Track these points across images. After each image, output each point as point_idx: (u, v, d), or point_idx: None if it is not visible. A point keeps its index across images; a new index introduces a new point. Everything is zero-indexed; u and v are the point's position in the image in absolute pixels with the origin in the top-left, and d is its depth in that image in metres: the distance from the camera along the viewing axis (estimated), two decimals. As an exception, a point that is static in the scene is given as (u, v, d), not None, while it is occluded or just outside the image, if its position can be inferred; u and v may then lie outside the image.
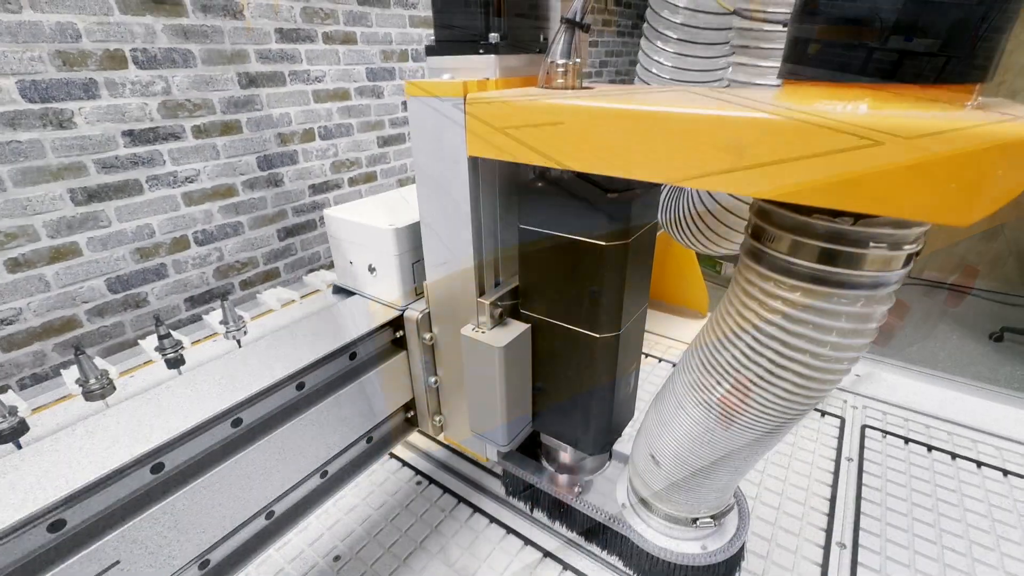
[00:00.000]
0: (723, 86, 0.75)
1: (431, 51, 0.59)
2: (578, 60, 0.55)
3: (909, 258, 0.41)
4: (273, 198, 2.29)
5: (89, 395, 0.82)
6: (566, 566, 0.95)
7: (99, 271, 1.88)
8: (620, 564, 0.84)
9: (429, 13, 2.88)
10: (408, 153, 2.95)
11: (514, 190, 0.64)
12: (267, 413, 0.58)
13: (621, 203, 0.53)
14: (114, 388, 1.32)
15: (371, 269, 0.72)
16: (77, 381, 0.82)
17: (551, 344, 0.64)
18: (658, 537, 0.65)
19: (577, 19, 0.53)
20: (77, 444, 0.50)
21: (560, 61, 0.55)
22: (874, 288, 0.42)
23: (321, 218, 2.55)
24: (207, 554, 0.55)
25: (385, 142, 2.78)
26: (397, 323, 0.71)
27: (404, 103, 2.84)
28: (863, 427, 1.29)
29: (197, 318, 2.13)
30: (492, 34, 0.53)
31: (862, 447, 1.23)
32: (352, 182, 2.66)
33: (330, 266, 2.63)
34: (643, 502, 0.67)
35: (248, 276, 2.29)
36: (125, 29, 1.78)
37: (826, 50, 0.37)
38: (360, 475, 0.73)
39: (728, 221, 0.68)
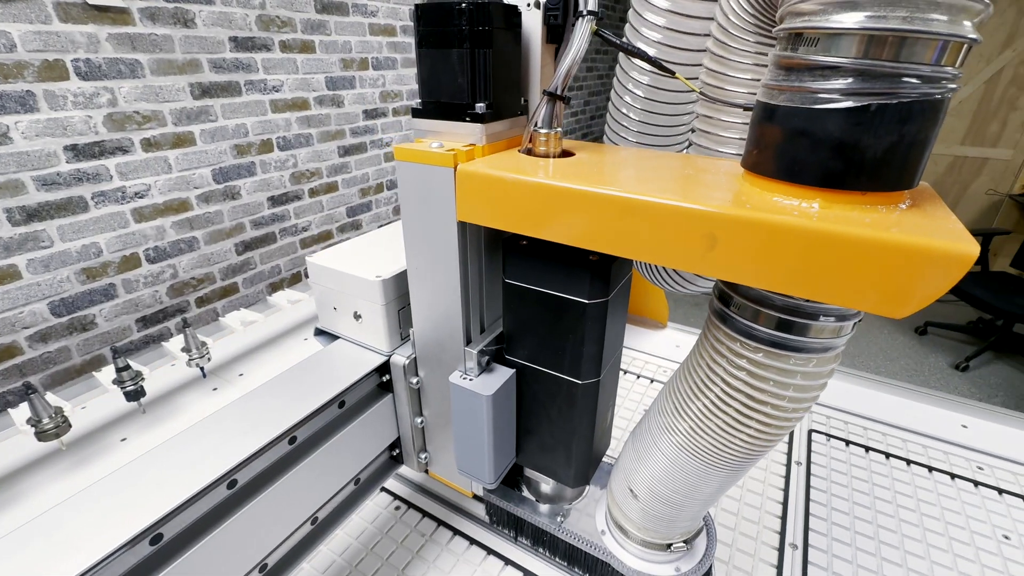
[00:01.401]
0: (683, 148, 0.80)
1: (418, 113, 0.61)
2: (559, 129, 0.59)
3: (853, 325, 0.48)
4: (230, 211, 2.22)
5: (42, 435, 0.80)
6: (546, 584, 0.99)
7: (41, 294, 1.77)
8: None
9: (390, 21, 2.85)
10: (370, 162, 2.91)
11: (498, 246, 0.67)
12: (261, 471, 0.59)
13: (602, 264, 0.57)
14: (69, 425, 1.26)
15: (357, 316, 0.73)
16: (29, 421, 0.79)
17: (535, 387, 0.68)
18: (636, 562, 0.70)
19: (558, 92, 0.57)
20: (68, 517, 0.50)
21: (543, 130, 0.58)
22: (824, 352, 0.48)
23: (282, 230, 2.49)
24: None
25: (346, 151, 2.73)
26: (383, 368, 0.73)
27: (365, 111, 2.80)
28: (810, 431, 1.40)
29: (151, 339, 2.04)
30: (479, 104, 0.56)
31: (809, 451, 1.34)
32: (313, 193, 2.60)
33: (292, 281, 2.57)
34: (620, 528, 0.72)
35: (205, 292, 2.21)
36: (66, 38, 1.67)
37: (781, 155, 0.43)
38: (349, 517, 0.74)
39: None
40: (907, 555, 1.06)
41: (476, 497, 1.17)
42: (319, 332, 0.81)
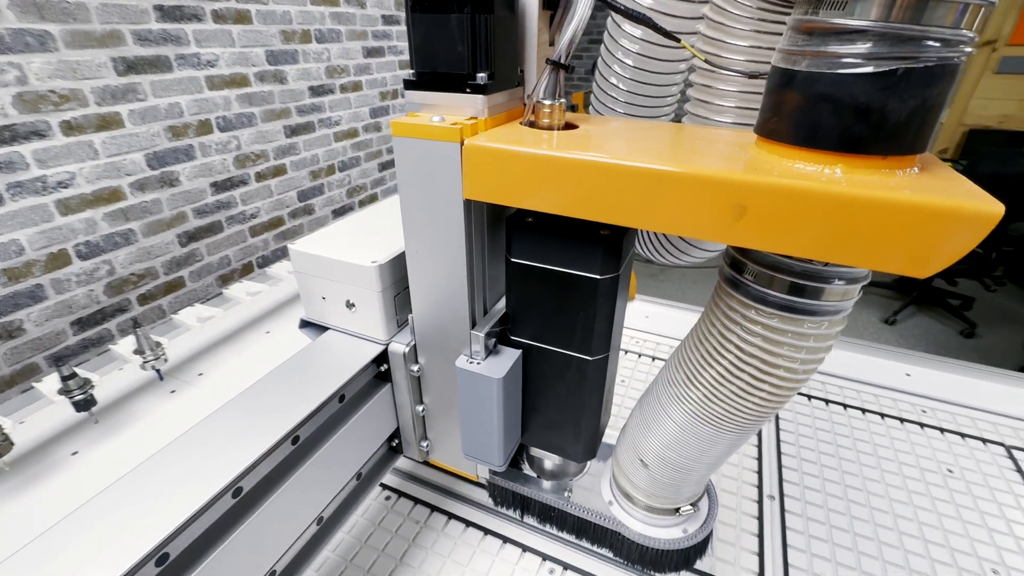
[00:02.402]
0: (670, 118, 0.80)
1: (411, 85, 0.57)
2: (563, 100, 0.57)
3: (861, 288, 0.49)
4: (169, 200, 2.04)
5: None
6: (545, 557, 1.01)
7: (-45, 301, 1.57)
8: (608, 553, 0.92)
9: (331, -10, 2.67)
10: (319, 143, 2.75)
11: (500, 224, 0.65)
12: (265, 476, 0.55)
13: (614, 238, 0.56)
14: (11, 443, 1.15)
15: (349, 305, 0.69)
16: None
17: (542, 367, 0.67)
18: (644, 528, 0.72)
19: (561, 61, 0.55)
20: (64, 542, 0.45)
21: (547, 101, 0.56)
22: (836, 314, 0.50)
23: (228, 218, 2.33)
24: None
25: (293, 131, 2.57)
26: (381, 357, 0.70)
27: (311, 87, 2.63)
28: (776, 390, 1.49)
29: (90, 343, 1.87)
30: (480, 74, 0.53)
31: (777, 408, 1.42)
32: (260, 177, 2.44)
33: (243, 272, 2.42)
34: (627, 497, 0.74)
35: (148, 289, 2.04)
36: (-43, 7, 1.45)
37: (801, 121, 0.43)
38: (352, 514, 0.71)
39: (687, 239, 0.74)
40: (870, 496, 1.15)
41: (475, 483, 1.17)
42: (305, 324, 0.76)
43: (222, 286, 2.33)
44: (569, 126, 0.59)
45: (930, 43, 0.37)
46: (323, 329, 0.74)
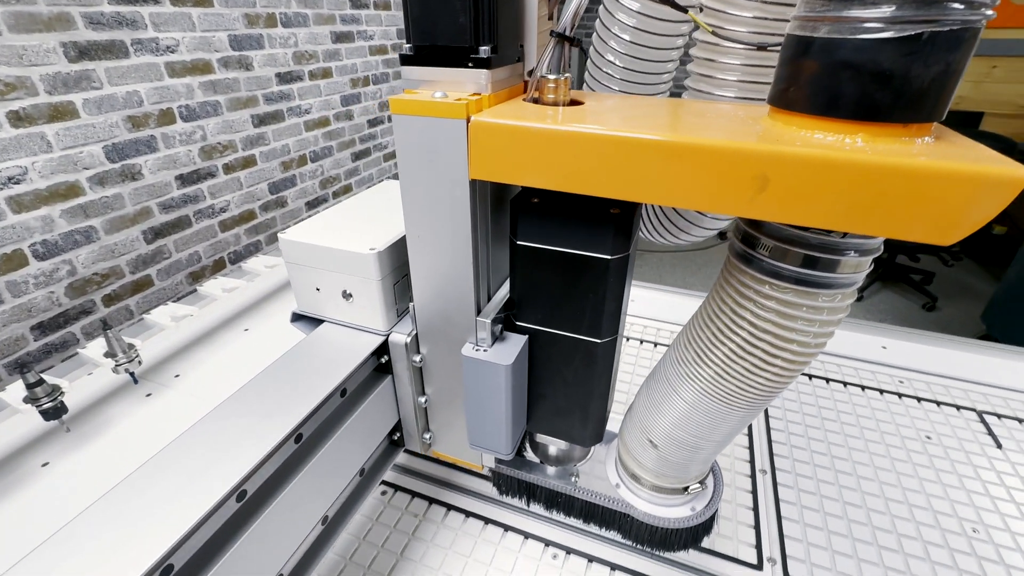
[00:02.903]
0: (662, 93, 0.79)
1: (408, 60, 0.54)
2: (568, 75, 0.55)
3: (873, 260, 0.50)
4: (132, 194, 1.93)
5: None
6: (548, 543, 1.01)
7: (-103, 307, 1.45)
8: (616, 536, 0.93)
9: (296, -30, 2.55)
10: (289, 132, 2.65)
11: (502, 207, 0.63)
12: (269, 477, 0.52)
13: (624, 217, 0.55)
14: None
15: (346, 295, 0.65)
16: None
17: (549, 352, 0.65)
18: (653, 508, 0.72)
19: (567, 33, 0.53)
20: (61, 559, 0.41)
21: (552, 76, 0.54)
22: (849, 286, 0.50)
23: (196, 212, 2.22)
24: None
25: (261, 120, 2.47)
26: (381, 349, 0.67)
27: (278, 74, 2.53)
28: (762, 367, 1.52)
29: (53, 348, 1.76)
30: (483, 47, 0.51)
31: (764, 385, 1.45)
32: (228, 169, 2.33)
33: (215, 269, 2.33)
34: (635, 478, 0.74)
35: (113, 289, 1.93)
36: None
37: (820, 89, 0.42)
38: (356, 512, 0.69)
39: (690, 216, 0.74)
40: (856, 465, 1.19)
41: (473, 473, 1.16)
42: (297, 317, 0.73)
43: (193, 284, 2.24)
44: (573, 103, 0.57)
45: (954, 5, 0.37)
46: (317, 322, 0.71)
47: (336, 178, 3.06)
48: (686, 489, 0.71)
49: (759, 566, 0.97)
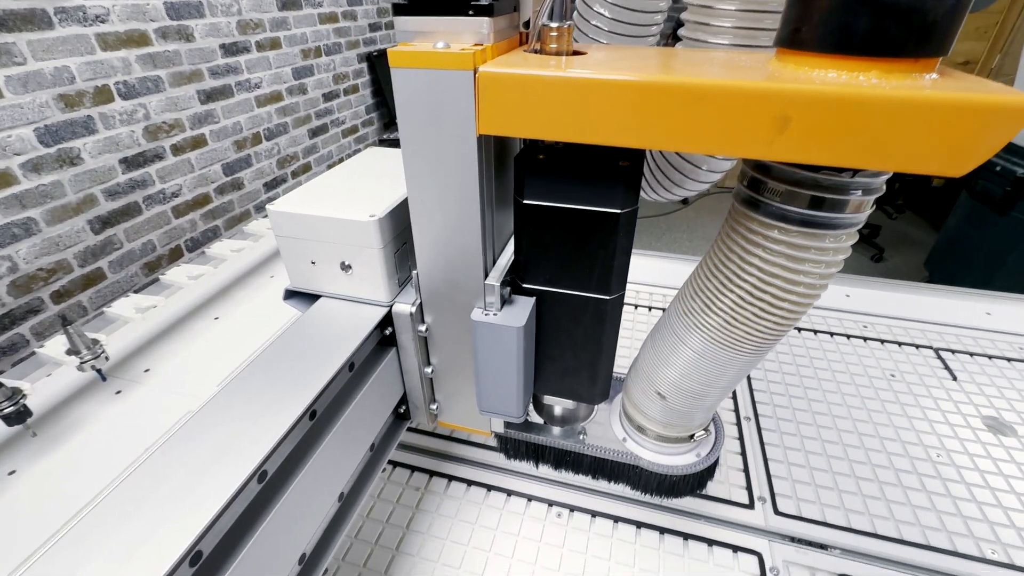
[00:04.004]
0: (658, 42, 0.78)
1: (402, 9, 0.50)
2: (571, 22, 0.53)
3: (876, 198, 0.51)
4: (72, 181, 1.77)
5: None
6: (552, 503, 1.03)
7: None
8: (623, 490, 0.95)
9: (233, -70, 2.36)
10: (240, 108, 2.49)
11: (504, 166, 0.61)
12: (287, 456, 0.50)
13: (633, 170, 0.54)
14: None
15: (345, 267, 0.62)
16: None
17: (557, 312, 0.65)
18: (660, 458, 0.75)
19: (569, -22, 0.50)
20: (85, 551, 0.38)
21: (554, 24, 0.52)
22: (854, 226, 0.52)
23: (146, 198, 2.07)
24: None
25: (208, 96, 2.30)
26: (385, 321, 0.65)
27: (223, 46, 2.35)
28: (738, 321, 1.58)
29: (1, 351, 1.62)
30: (485, -7, 0.48)
31: (742, 338, 1.51)
32: (177, 150, 2.18)
33: (171, 258, 2.20)
34: (640, 429, 0.76)
35: (62, 285, 1.79)
36: None
37: (833, 27, 0.42)
38: (369, 488, 0.68)
39: (685, 170, 0.74)
40: (830, 405, 1.26)
41: (471, 444, 1.16)
42: (291, 294, 0.69)
43: (150, 274, 2.11)
44: (576, 53, 0.55)
45: (966, -65, 0.37)
46: (313, 298, 0.68)
47: (294, 156, 2.91)
48: (691, 437, 0.74)
49: (751, 505, 1.02)
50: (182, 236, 2.26)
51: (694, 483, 0.76)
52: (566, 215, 0.57)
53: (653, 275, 1.76)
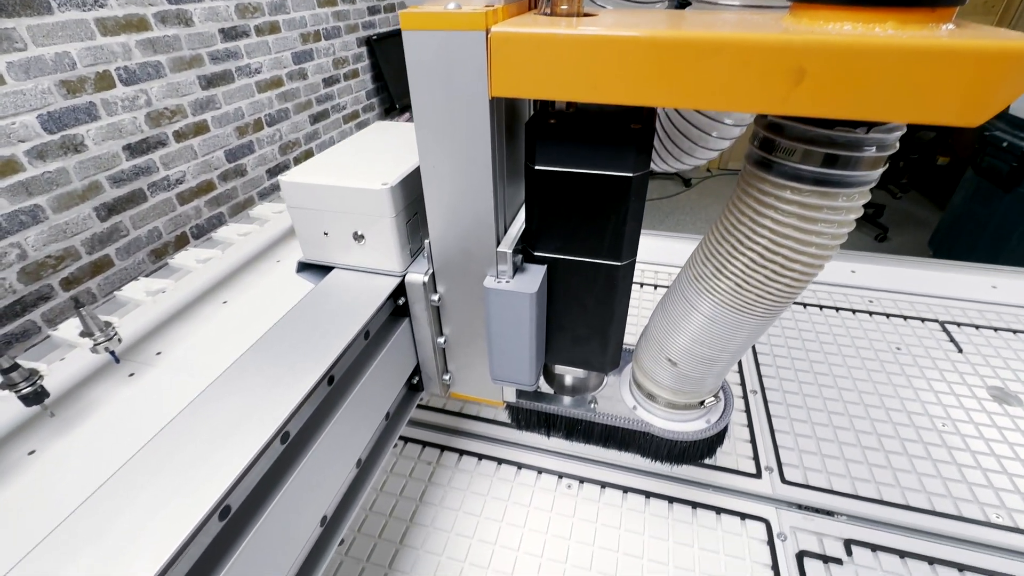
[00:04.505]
0: (667, 5, 0.77)
1: (413, -27, 0.50)
2: (581, -16, 0.53)
3: (888, 156, 0.51)
4: (77, 168, 1.78)
5: None
6: (561, 475, 1.05)
7: None
8: (632, 461, 0.97)
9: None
10: (241, 94, 2.48)
11: (514, 132, 0.61)
12: (307, 419, 0.51)
13: (645, 132, 0.54)
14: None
15: (358, 237, 0.63)
16: None
17: (569, 280, 0.66)
18: (670, 424, 0.76)
19: (579, -64, 0.50)
20: (127, 504, 0.40)
21: (565, -15, 0.52)
22: (867, 184, 0.52)
23: (151, 185, 2.07)
24: (285, 579, 0.49)
25: (209, 82, 2.29)
26: (398, 291, 0.66)
27: (222, 30, 2.33)
28: (744, 298, 1.58)
29: (14, 338, 1.65)
30: (495, -47, 0.48)
31: (748, 314, 1.51)
32: (179, 136, 2.17)
33: (177, 245, 2.21)
34: (650, 397, 0.77)
35: (71, 272, 1.81)
36: None
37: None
38: (385, 456, 0.70)
39: (694, 137, 0.74)
40: (836, 378, 1.27)
41: (481, 420, 1.18)
42: (304, 267, 0.70)
43: (157, 261, 2.12)
44: (586, 16, 0.55)
45: None
46: (326, 270, 0.69)
47: (295, 143, 2.90)
48: (701, 403, 0.75)
49: (758, 475, 1.04)
50: (187, 223, 2.26)
51: (704, 449, 0.78)
52: (578, 180, 0.57)
53: (658, 254, 1.76)
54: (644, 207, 0.60)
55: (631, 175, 0.55)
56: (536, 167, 0.58)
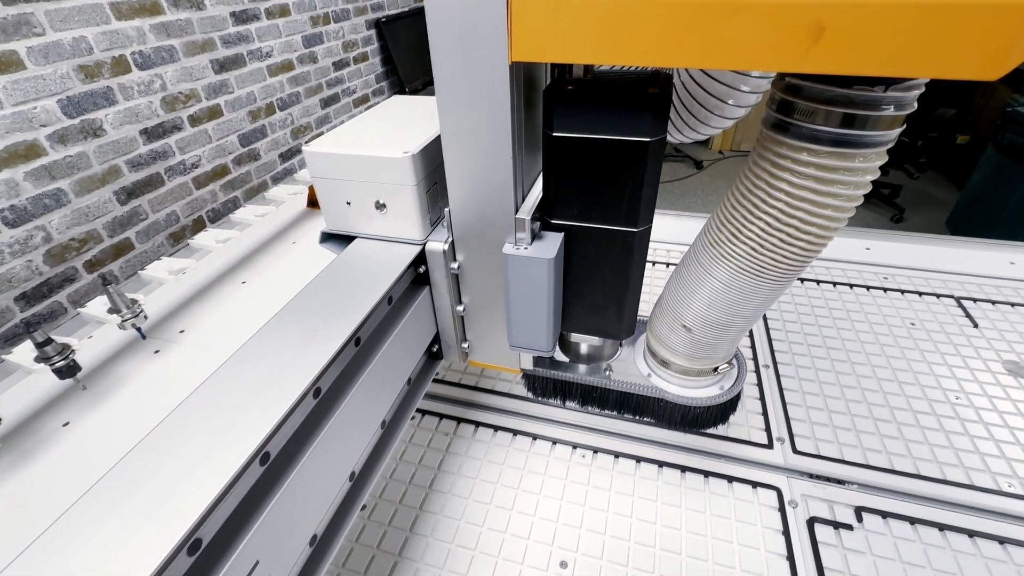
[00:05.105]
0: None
1: (434, -62, 0.51)
2: (600, -52, 0.53)
3: (905, 117, 0.52)
4: (97, 152, 1.81)
5: None
6: (576, 446, 1.07)
7: None
8: (646, 431, 0.99)
9: None
10: (253, 78, 2.49)
11: (531, 109, 0.62)
12: (336, 378, 0.54)
13: (662, 97, 0.55)
14: (-1, 419, 1.07)
15: (380, 206, 0.65)
16: None
17: (584, 248, 0.67)
18: (684, 391, 0.77)
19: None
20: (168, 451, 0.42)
21: (583, -51, 0.52)
22: (884, 144, 0.52)
23: (168, 169, 2.11)
24: (315, 531, 0.52)
25: (222, 66, 2.30)
26: (419, 259, 0.67)
27: (233, 13, 2.34)
28: (757, 275, 1.58)
29: (42, 318, 1.70)
30: (514, -83, 0.48)
31: (760, 291, 1.51)
32: (194, 120, 2.20)
33: (195, 229, 2.25)
34: (664, 364, 0.78)
35: (94, 254, 1.85)
36: None
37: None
38: (407, 421, 0.72)
39: (711, 105, 0.74)
40: (849, 353, 1.28)
41: (496, 393, 1.21)
42: (327, 237, 0.72)
43: (175, 245, 2.16)
44: (603, -19, 0.55)
45: None
46: (348, 240, 0.71)
47: (307, 127, 2.92)
48: (715, 370, 0.76)
49: (770, 445, 1.05)
50: (204, 207, 2.30)
51: (717, 415, 0.79)
52: (595, 146, 0.58)
53: (669, 233, 1.76)
54: (660, 173, 0.61)
55: (648, 140, 0.56)
56: (554, 134, 0.59)
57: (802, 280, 1.56)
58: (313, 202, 1.41)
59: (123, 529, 0.37)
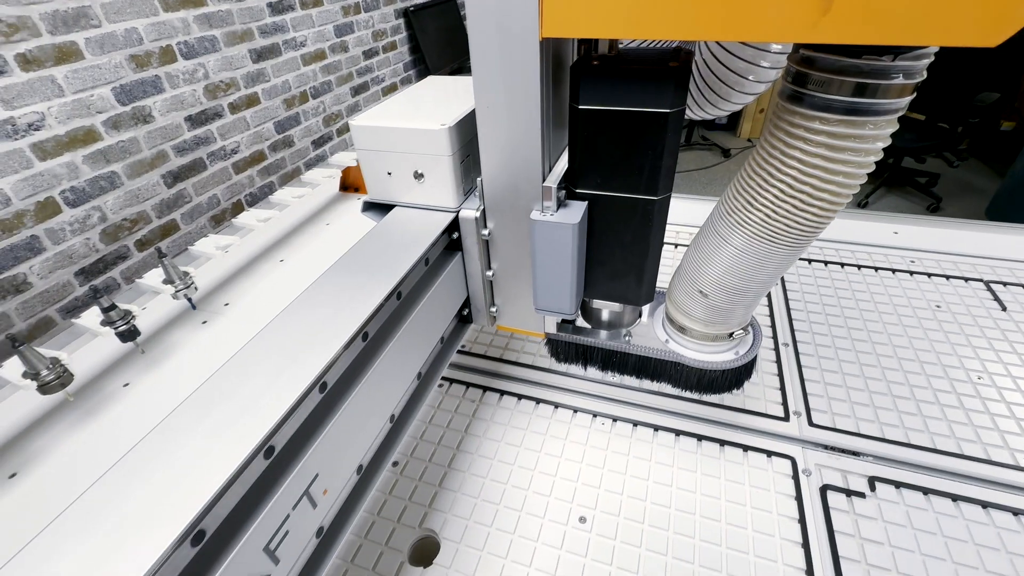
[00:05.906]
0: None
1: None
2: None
3: (916, 85, 0.54)
4: (146, 138, 1.93)
5: (45, 388, 0.75)
6: (596, 414, 1.12)
7: (-50, 258, 1.51)
8: (664, 402, 1.03)
9: None
10: (288, 67, 2.59)
11: (561, 81, 0.66)
12: (381, 326, 0.60)
13: (683, 70, 0.59)
14: (72, 375, 1.19)
15: (418, 176, 0.71)
16: (25, 375, 0.74)
17: (608, 216, 0.72)
18: (700, 356, 0.81)
19: None
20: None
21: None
22: (895, 112, 0.55)
23: (210, 155, 2.22)
24: (362, 460, 0.59)
25: (259, 56, 2.40)
26: (452, 226, 0.73)
27: (270, 4, 2.43)
28: (780, 258, 1.59)
29: (99, 292, 1.83)
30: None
31: (783, 273, 1.53)
32: (233, 108, 2.31)
33: (234, 212, 2.36)
34: (681, 330, 0.82)
35: (143, 234, 1.98)
36: None
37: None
38: (439, 376, 0.78)
39: (731, 81, 0.77)
40: (870, 333, 1.29)
41: (520, 365, 1.26)
42: (369, 206, 0.78)
43: (216, 227, 2.28)
44: (629, -39, 0.59)
45: None
46: (386, 210, 0.77)
47: (338, 115, 3.01)
48: (731, 336, 0.80)
49: (786, 418, 1.08)
50: (242, 191, 2.41)
51: (732, 379, 0.83)
52: (619, 117, 0.62)
53: (695, 217, 1.78)
54: (679, 143, 0.65)
55: (668, 111, 0.60)
56: (580, 106, 0.63)
57: (826, 263, 1.56)
58: (346, 186, 1.48)
59: (207, 443, 0.44)
